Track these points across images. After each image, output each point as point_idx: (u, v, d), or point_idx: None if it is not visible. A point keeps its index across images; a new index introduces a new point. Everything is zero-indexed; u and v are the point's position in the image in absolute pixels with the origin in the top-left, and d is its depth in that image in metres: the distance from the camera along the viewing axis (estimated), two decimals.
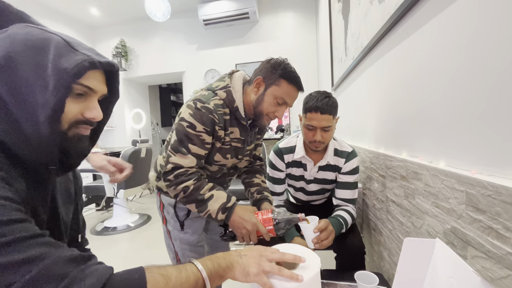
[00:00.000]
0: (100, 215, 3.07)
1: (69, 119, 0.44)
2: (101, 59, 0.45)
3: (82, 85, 0.43)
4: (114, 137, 4.11)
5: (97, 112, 0.47)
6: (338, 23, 1.78)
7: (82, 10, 3.50)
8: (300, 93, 0.85)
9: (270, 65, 0.81)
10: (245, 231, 0.76)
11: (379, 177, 1.01)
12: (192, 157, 0.77)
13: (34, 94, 0.40)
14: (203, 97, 0.79)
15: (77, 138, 0.46)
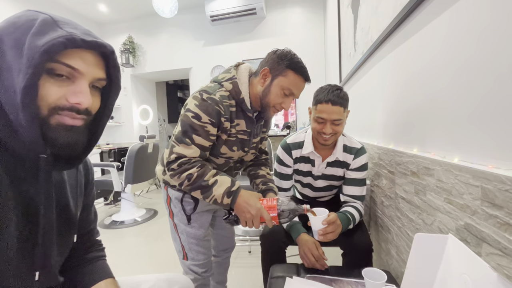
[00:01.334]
0: (108, 209, 3.12)
1: (48, 103, 0.39)
2: (86, 38, 0.40)
3: (64, 63, 0.39)
4: (121, 133, 4.16)
5: (84, 97, 0.41)
6: (347, 18, 1.74)
7: (91, 7, 3.53)
8: (308, 85, 0.84)
9: (277, 56, 0.80)
10: (249, 216, 0.75)
11: (388, 173, 0.99)
12: (196, 147, 0.77)
13: (12, 76, 0.37)
14: (209, 89, 0.79)
15: (64, 128, 0.42)
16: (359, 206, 1.00)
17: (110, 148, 3.78)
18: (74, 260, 0.60)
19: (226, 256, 1.17)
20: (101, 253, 0.66)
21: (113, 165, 2.56)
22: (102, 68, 0.45)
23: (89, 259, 0.62)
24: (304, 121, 3.38)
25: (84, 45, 0.40)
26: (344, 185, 1.06)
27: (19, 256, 0.42)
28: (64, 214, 0.52)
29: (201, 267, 0.94)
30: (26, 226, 0.43)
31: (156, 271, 1.74)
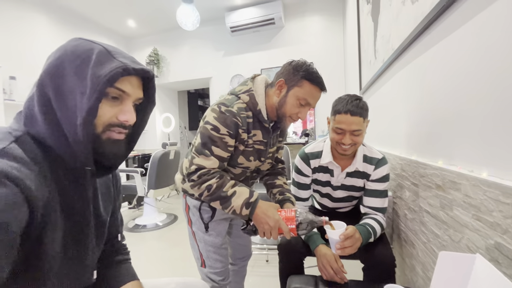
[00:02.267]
0: (132, 213, 3.26)
1: (103, 121, 0.47)
2: (135, 66, 0.47)
3: (117, 88, 0.46)
4: (145, 140, 4.36)
5: (130, 115, 0.49)
6: (367, 25, 1.72)
7: (121, 23, 3.80)
8: (326, 93, 0.85)
9: (292, 67, 0.82)
10: (267, 227, 0.76)
11: (411, 185, 0.95)
12: (215, 159, 0.79)
13: (74, 99, 0.43)
14: (227, 101, 0.81)
15: (112, 142, 0.48)
16: (380, 218, 0.97)
17: (135, 154, 3.97)
18: (101, 263, 0.63)
19: (242, 265, 1.17)
20: (126, 256, 0.69)
21: (137, 170, 2.69)
22: (142, 89, 0.52)
23: (115, 262, 0.65)
24: (323, 129, 3.33)
25: (134, 72, 0.47)
26: (364, 196, 1.03)
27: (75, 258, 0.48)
28: (99, 218, 0.57)
29: (218, 275, 0.95)
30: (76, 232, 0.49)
31: (175, 275, 1.78)
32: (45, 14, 3.08)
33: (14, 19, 2.77)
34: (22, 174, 0.38)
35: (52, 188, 0.44)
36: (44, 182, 0.42)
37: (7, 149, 0.39)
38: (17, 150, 0.41)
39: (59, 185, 0.46)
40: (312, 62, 3.33)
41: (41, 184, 0.41)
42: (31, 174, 0.40)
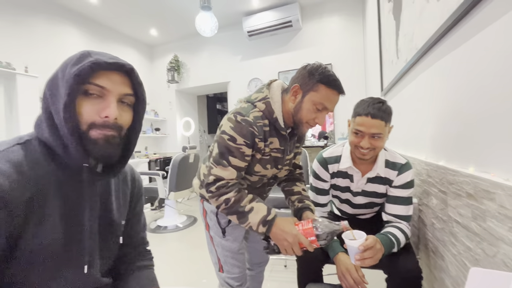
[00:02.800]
0: (154, 214, 3.38)
1: (86, 120, 0.47)
2: (108, 60, 0.47)
3: (93, 84, 0.47)
4: (167, 144, 4.52)
5: (109, 110, 0.48)
6: (389, 24, 1.66)
7: (144, 32, 3.98)
8: (347, 95, 0.83)
9: (307, 71, 0.79)
10: (287, 243, 0.75)
11: (439, 192, 0.89)
12: (233, 169, 0.79)
13: (59, 100, 0.46)
14: (243, 110, 0.80)
15: (102, 140, 0.48)
16: (404, 227, 0.92)
17: (157, 157, 4.12)
18: (123, 267, 0.65)
19: (260, 270, 1.16)
20: (149, 262, 0.70)
21: (158, 173, 2.78)
22: (128, 85, 0.52)
23: (136, 267, 0.66)
24: (343, 131, 3.25)
25: (108, 66, 0.47)
26: (387, 203, 0.98)
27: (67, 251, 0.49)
28: (107, 220, 0.58)
29: (236, 280, 0.95)
30: (72, 226, 0.50)
31: (194, 277, 1.82)
32: (76, 27, 3.32)
33: (50, 34, 3.01)
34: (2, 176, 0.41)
35: (45, 188, 0.47)
36: (34, 184, 0.45)
37: (5, 152, 0.44)
38: (15, 153, 0.45)
39: (58, 185, 0.48)
40: (331, 63, 3.27)
41: (26, 183, 0.44)
42: (16, 175, 0.43)
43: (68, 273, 0.50)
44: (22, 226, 0.43)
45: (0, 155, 0.43)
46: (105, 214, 0.58)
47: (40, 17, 2.93)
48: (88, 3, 3.12)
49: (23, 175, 0.44)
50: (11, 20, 2.68)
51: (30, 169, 0.45)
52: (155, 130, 4.36)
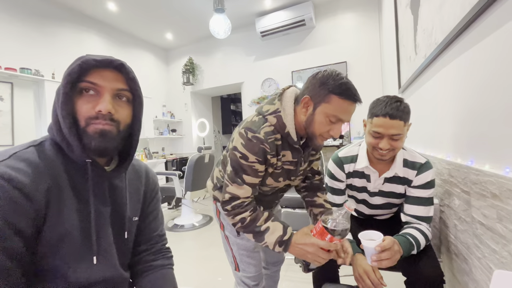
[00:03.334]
0: (171, 213, 3.47)
1: (83, 115, 0.51)
2: (97, 58, 0.50)
3: (86, 81, 0.50)
4: (183, 144, 4.63)
5: (102, 104, 0.51)
6: (406, 19, 1.60)
7: (160, 36, 4.11)
8: (364, 92, 0.80)
9: (317, 80, 0.73)
10: (311, 255, 0.73)
11: (462, 193, 0.86)
12: (248, 187, 0.78)
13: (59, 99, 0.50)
14: (254, 125, 0.77)
15: (98, 134, 0.51)
16: (425, 228, 0.89)
17: (174, 158, 4.24)
18: (141, 266, 0.66)
19: (275, 270, 1.17)
20: (168, 261, 0.70)
21: (175, 173, 2.86)
22: (122, 81, 0.54)
23: (155, 266, 0.67)
24: (359, 130, 3.17)
25: (97, 63, 0.50)
26: (406, 204, 0.95)
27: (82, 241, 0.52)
28: (119, 215, 0.60)
29: (252, 280, 0.96)
30: (83, 218, 0.53)
31: (210, 275, 1.85)
32: (98, 35, 3.48)
33: (74, 41, 3.19)
34: (19, 173, 0.45)
35: (60, 182, 0.50)
36: (49, 178, 0.49)
37: (19, 153, 0.48)
38: (29, 153, 0.49)
39: (70, 180, 0.52)
40: (345, 61, 3.21)
41: (43, 179, 0.48)
42: (32, 172, 0.47)
43: (80, 263, 0.52)
44: (44, 216, 0.47)
45: (15, 156, 0.47)
46: (117, 209, 0.60)
47: (66, 26, 3.11)
48: (109, 11, 3.27)
49: (38, 171, 0.48)
50: (40, 31, 2.86)
51: (43, 166, 0.49)
52: (172, 131, 4.48)
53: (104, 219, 0.57)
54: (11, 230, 0.43)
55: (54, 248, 0.49)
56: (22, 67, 2.61)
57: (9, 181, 0.43)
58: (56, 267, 0.49)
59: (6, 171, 0.44)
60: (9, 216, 0.42)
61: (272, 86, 3.74)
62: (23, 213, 0.44)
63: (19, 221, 0.44)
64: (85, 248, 0.53)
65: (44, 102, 2.76)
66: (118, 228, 0.60)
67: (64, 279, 0.50)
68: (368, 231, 0.78)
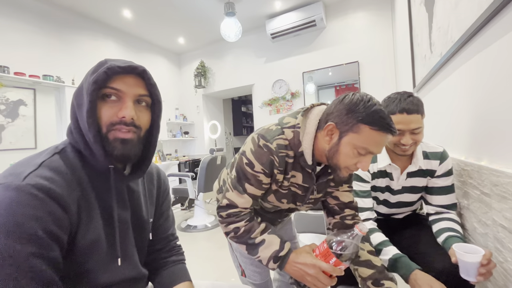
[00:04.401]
0: (184, 214, 3.53)
1: (105, 121, 0.51)
2: (121, 65, 0.51)
3: (110, 88, 0.51)
4: (195, 146, 4.71)
5: (125, 110, 0.51)
6: (420, 17, 1.57)
7: (172, 41, 4.21)
8: (374, 93, 0.77)
9: (344, 106, 0.62)
10: (310, 278, 0.64)
11: (481, 195, 0.83)
12: (248, 197, 0.71)
13: (83, 107, 0.50)
14: (268, 134, 0.69)
15: (119, 141, 0.51)
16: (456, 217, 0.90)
17: (186, 159, 4.31)
18: (157, 263, 0.69)
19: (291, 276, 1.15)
20: (180, 257, 0.74)
21: (188, 175, 2.91)
22: (143, 86, 0.55)
23: (169, 262, 0.70)
24: None
25: (121, 70, 0.51)
26: (430, 195, 0.96)
27: (108, 245, 0.54)
28: (138, 217, 0.63)
29: (258, 287, 0.93)
30: (107, 223, 0.55)
31: (223, 275, 1.87)
32: (114, 41, 3.61)
33: (92, 48, 3.33)
34: (53, 184, 0.45)
35: (86, 188, 0.52)
36: (77, 186, 0.50)
37: (47, 162, 0.48)
38: (56, 162, 0.49)
39: (93, 187, 0.54)
40: (357, 61, 3.16)
41: (73, 188, 0.49)
42: (63, 181, 0.47)
43: (107, 266, 0.55)
44: (77, 224, 0.49)
45: (44, 165, 0.47)
46: (135, 213, 0.62)
47: (84, 34, 3.25)
48: (124, 18, 3.39)
49: (67, 180, 0.49)
50: (61, 39, 3.01)
51: (70, 174, 0.50)
52: (184, 134, 4.56)
53: (125, 222, 0.59)
54: (53, 240, 0.44)
55: (85, 255, 0.51)
56: (45, 74, 2.74)
57: (46, 192, 0.44)
58: (85, 271, 0.51)
59: (40, 182, 0.44)
60: (49, 227, 0.43)
61: (283, 87, 3.74)
62: (60, 224, 0.45)
63: (57, 231, 0.45)
64: (110, 252, 0.55)
65: (65, 107, 2.89)
66: (138, 230, 0.63)
67: (92, 281, 0.52)
68: (463, 244, 0.70)
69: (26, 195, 0.42)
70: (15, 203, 0.41)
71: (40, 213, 0.43)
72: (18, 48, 2.63)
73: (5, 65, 2.45)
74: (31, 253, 0.41)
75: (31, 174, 0.44)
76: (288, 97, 3.69)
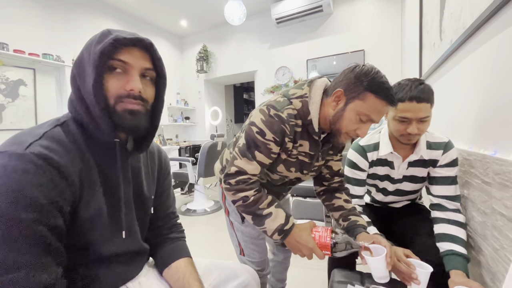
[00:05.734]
0: (184, 198, 3.58)
1: (113, 93, 0.50)
2: (127, 36, 0.50)
3: (118, 60, 0.50)
4: (196, 132, 4.70)
5: (134, 83, 0.51)
6: (432, 3, 1.52)
7: (175, 23, 4.11)
8: None
9: (354, 75, 0.68)
10: (300, 254, 0.74)
11: (482, 184, 0.83)
12: (257, 164, 0.74)
13: (87, 79, 0.49)
14: (278, 104, 0.74)
15: (128, 113, 0.51)
16: (459, 216, 0.88)
17: (187, 145, 4.32)
18: (158, 239, 0.71)
19: (285, 256, 1.18)
20: (181, 235, 0.75)
21: (188, 160, 2.92)
22: (148, 60, 0.54)
23: (170, 239, 0.72)
24: None
25: (127, 41, 0.50)
26: (433, 186, 0.94)
27: (110, 218, 0.55)
28: (139, 193, 0.64)
29: (257, 265, 0.96)
30: (112, 197, 0.55)
31: (220, 258, 1.92)
32: (115, 21, 3.53)
33: (92, 27, 3.25)
34: (56, 154, 0.45)
35: (88, 162, 0.52)
36: (79, 159, 0.50)
37: (49, 133, 0.48)
38: (58, 134, 0.49)
39: (95, 159, 0.53)
40: (363, 49, 3.09)
41: (75, 161, 0.49)
42: (65, 152, 0.47)
43: (110, 238, 0.55)
44: (79, 195, 0.49)
45: (46, 135, 0.47)
46: (137, 188, 0.63)
47: (85, 12, 3.17)
48: None
49: (69, 152, 0.48)
50: (61, 16, 2.93)
51: (72, 147, 0.50)
52: (185, 119, 4.54)
53: (128, 197, 0.60)
54: (55, 209, 0.44)
55: (87, 226, 0.51)
56: (45, 53, 2.70)
57: (48, 162, 0.44)
58: (89, 242, 0.52)
59: (43, 151, 0.44)
60: (51, 195, 0.44)
61: (286, 74, 3.68)
62: (62, 193, 0.46)
63: (60, 200, 0.45)
64: (114, 225, 0.56)
65: (65, 87, 2.87)
66: (140, 205, 0.64)
67: (95, 253, 0.53)
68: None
69: (29, 163, 0.42)
70: (18, 170, 0.41)
71: (43, 181, 0.43)
72: (17, 25, 2.57)
73: (4, 42, 2.41)
74: (33, 219, 0.41)
75: (34, 143, 0.44)
76: (291, 84, 3.64)
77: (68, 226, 0.48)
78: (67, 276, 0.47)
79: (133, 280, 0.62)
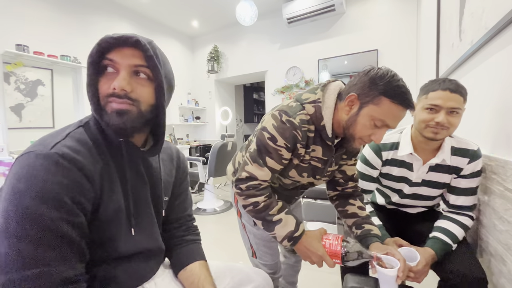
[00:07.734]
0: (194, 197, 3.61)
1: (102, 94, 0.51)
2: (114, 35, 0.50)
3: (108, 59, 0.50)
4: (206, 132, 4.74)
5: (116, 81, 0.49)
6: (451, 2, 1.47)
7: (186, 24, 4.15)
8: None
9: (369, 78, 0.65)
10: (310, 261, 0.74)
11: (505, 191, 0.80)
12: (268, 170, 0.74)
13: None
14: (290, 110, 0.72)
15: (116, 112, 0.50)
16: (465, 219, 0.86)
17: (197, 144, 4.36)
18: (174, 240, 0.72)
19: (296, 260, 1.17)
20: (196, 237, 0.76)
21: (199, 159, 2.95)
22: (140, 57, 0.51)
23: (186, 241, 0.72)
24: None
25: (113, 40, 0.50)
26: (451, 194, 0.91)
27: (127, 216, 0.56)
28: (155, 194, 0.65)
29: (269, 268, 0.96)
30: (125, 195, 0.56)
31: (231, 258, 1.92)
32: (129, 23, 3.60)
33: (107, 29, 3.33)
34: (79, 154, 0.47)
35: (107, 161, 0.53)
36: (100, 158, 0.51)
37: (72, 133, 0.50)
38: (81, 134, 0.51)
39: (113, 159, 0.54)
40: (377, 49, 3.03)
41: (96, 160, 0.50)
42: (87, 152, 0.49)
43: (125, 236, 0.57)
44: (100, 195, 0.51)
45: (70, 136, 0.49)
46: (153, 188, 0.64)
47: (100, 14, 3.25)
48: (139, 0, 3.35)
49: (90, 151, 0.50)
50: (78, 19, 3.02)
51: (93, 146, 0.51)
52: (196, 119, 4.59)
53: (144, 196, 0.61)
54: (78, 207, 0.46)
55: (106, 224, 0.53)
56: (63, 54, 2.78)
57: (72, 162, 0.45)
58: (107, 240, 0.54)
59: (66, 152, 0.46)
60: (75, 194, 0.45)
61: (297, 75, 3.66)
62: (85, 193, 0.47)
63: (82, 199, 0.47)
64: (127, 223, 0.57)
65: (82, 88, 2.95)
66: (156, 205, 0.65)
67: (112, 249, 0.55)
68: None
69: (54, 163, 0.44)
70: (43, 169, 0.43)
71: (67, 181, 0.44)
72: (37, 27, 2.66)
73: (25, 44, 2.50)
74: (58, 217, 0.43)
75: (58, 144, 0.46)
76: (302, 85, 3.61)
77: (89, 223, 0.49)
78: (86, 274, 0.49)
79: (149, 281, 0.63)
